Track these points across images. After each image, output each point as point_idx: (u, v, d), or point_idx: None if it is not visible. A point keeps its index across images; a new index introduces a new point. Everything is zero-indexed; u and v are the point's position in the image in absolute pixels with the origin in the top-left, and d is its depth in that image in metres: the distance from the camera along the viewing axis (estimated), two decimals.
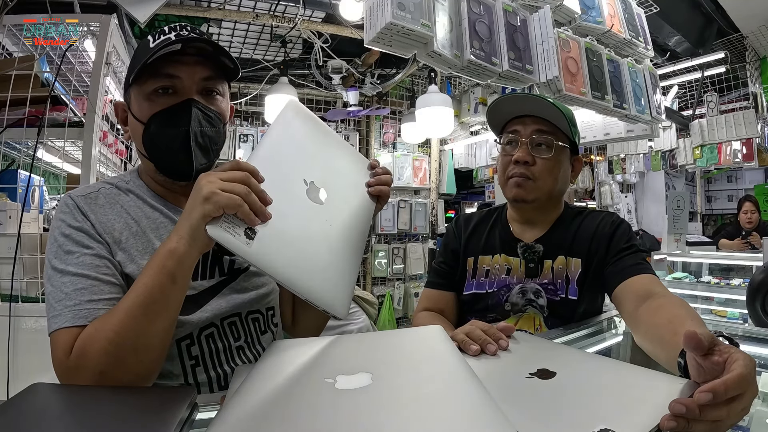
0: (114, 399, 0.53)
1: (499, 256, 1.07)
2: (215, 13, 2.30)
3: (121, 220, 0.72)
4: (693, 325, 0.61)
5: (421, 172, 3.51)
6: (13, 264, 1.41)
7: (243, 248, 0.54)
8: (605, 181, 5.32)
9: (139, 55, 0.73)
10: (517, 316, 1.02)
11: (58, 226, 0.69)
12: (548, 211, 1.07)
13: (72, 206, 0.70)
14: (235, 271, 0.79)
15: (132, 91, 0.74)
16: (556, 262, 1.02)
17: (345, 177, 0.72)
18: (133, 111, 0.75)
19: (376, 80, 3.12)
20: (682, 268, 2.85)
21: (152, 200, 0.77)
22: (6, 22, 1.63)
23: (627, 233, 1.00)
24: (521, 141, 1.02)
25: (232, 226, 0.53)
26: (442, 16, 1.29)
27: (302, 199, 0.63)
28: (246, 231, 0.54)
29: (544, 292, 1.01)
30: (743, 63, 3.59)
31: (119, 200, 0.75)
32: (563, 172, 1.04)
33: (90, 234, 0.68)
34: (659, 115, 1.94)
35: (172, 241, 0.58)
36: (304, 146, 0.69)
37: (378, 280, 3.38)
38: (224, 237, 0.53)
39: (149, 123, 0.73)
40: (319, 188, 0.65)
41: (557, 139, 1.01)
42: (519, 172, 1.01)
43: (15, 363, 1.37)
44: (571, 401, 0.50)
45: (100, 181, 0.80)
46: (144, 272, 0.60)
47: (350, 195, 0.71)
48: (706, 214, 7.06)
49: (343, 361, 0.54)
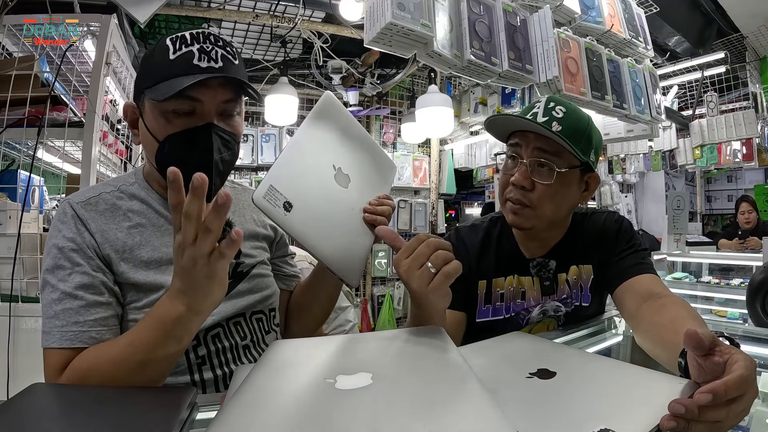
0: (114, 399, 0.53)
1: (513, 278, 0.99)
2: (215, 13, 2.31)
3: (124, 228, 0.70)
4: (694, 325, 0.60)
5: (421, 172, 3.51)
6: (13, 264, 1.41)
7: (281, 218, 0.63)
8: (605, 181, 5.32)
9: (157, 62, 0.69)
10: (530, 326, 1.01)
11: (55, 235, 0.68)
12: (554, 229, 0.99)
13: (70, 215, 0.68)
14: (238, 274, 0.80)
15: (146, 101, 0.70)
16: (569, 274, 0.99)
17: (369, 171, 0.79)
18: (147, 122, 0.71)
19: (376, 80, 3.12)
20: (682, 268, 2.85)
21: (158, 205, 0.75)
22: (6, 22, 1.64)
23: (628, 232, 0.99)
24: (520, 162, 0.89)
25: (273, 200, 0.63)
26: (442, 16, 1.29)
27: (330, 182, 0.72)
28: (285, 204, 0.64)
29: (563, 307, 0.99)
30: (743, 63, 3.59)
31: (122, 205, 0.73)
32: (568, 196, 0.91)
33: (82, 249, 0.67)
34: (659, 115, 1.94)
35: (178, 308, 0.56)
36: (337, 136, 0.75)
37: (378, 280, 3.38)
38: (267, 207, 0.62)
39: (165, 142, 0.69)
40: (345, 174, 0.74)
41: (561, 163, 0.87)
42: (515, 198, 0.90)
43: (15, 363, 1.37)
44: (571, 401, 0.50)
45: (101, 183, 0.77)
46: (147, 328, 0.59)
47: (370, 187, 0.79)
48: (706, 214, 7.07)
49: (343, 361, 0.54)
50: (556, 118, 0.86)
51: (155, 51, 0.70)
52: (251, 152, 3.05)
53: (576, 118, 0.88)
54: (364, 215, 0.74)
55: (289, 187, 0.65)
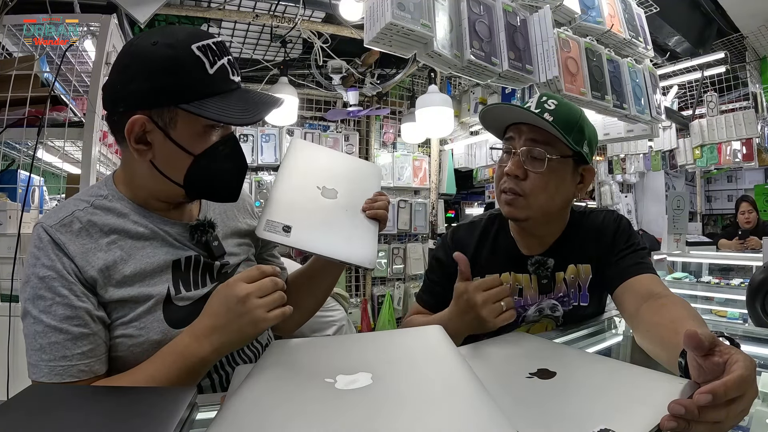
0: (114, 399, 0.53)
1: (509, 275, 1.00)
2: (215, 13, 2.30)
3: (103, 246, 0.67)
4: (694, 326, 0.60)
5: (421, 172, 3.50)
6: (13, 264, 1.41)
7: (286, 240, 0.78)
8: (605, 181, 5.32)
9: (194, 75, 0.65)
10: (528, 325, 1.01)
11: (33, 263, 0.64)
12: (551, 224, 0.99)
13: (47, 241, 0.65)
14: (224, 276, 0.79)
15: (178, 117, 0.66)
16: (567, 273, 0.99)
17: (353, 179, 0.92)
18: (177, 137, 0.67)
19: (376, 80, 3.12)
20: (682, 268, 2.85)
21: (136, 215, 0.72)
22: (6, 22, 1.63)
23: (627, 231, 0.98)
24: (513, 152, 0.92)
25: (273, 229, 0.78)
26: (442, 16, 1.29)
27: (319, 199, 0.86)
28: (283, 228, 0.78)
29: (560, 306, 0.99)
30: (743, 63, 3.59)
31: (97, 221, 0.68)
32: (562, 187, 0.92)
33: (63, 276, 0.64)
34: (659, 115, 1.94)
35: (205, 348, 0.63)
36: (313, 165, 0.91)
37: (378, 280, 3.38)
38: (270, 236, 0.78)
39: (203, 156, 0.69)
40: (331, 189, 0.88)
41: (552, 151, 0.89)
42: (509, 188, 0.92)
43: (15, 363, 1.37)
44: (571, 401, 0.50)
45: (72, 199, 0.72)
46: (170, 365, 0.63)
47: (360, 191, 0.91)
48: (706, 214, 7.07)
49: (343, 361, 0.54)
50: (548, 109, 0.89)
51: (182, 61, 0.64)
52: (251, 152, 3.05)
53: (567, 110, 0.91)
54: (366, 213, 0.87)
55: (283, 214, 0.80)
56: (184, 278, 0.73)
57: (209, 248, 0.77)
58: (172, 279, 0.71)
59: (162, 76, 0.64)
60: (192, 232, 0.76)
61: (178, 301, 0.71)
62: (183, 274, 0.73)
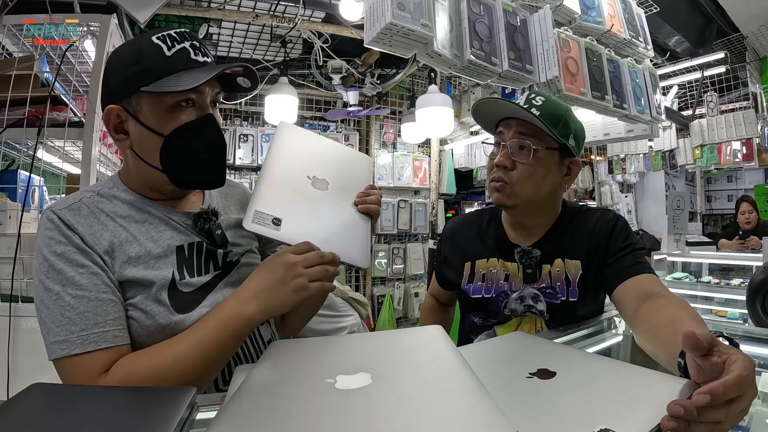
0: (114, 399, 0.53)
1: (497, 261, 1.05)
2: (215, 13, 2.30)
3: (108, 229, 0.69)
4: (693, 326, 0.61)
5: (421, 172, 3.51)
6: (13, 264, 1.41)
7: (275, 233, 0.72)
8: (605, 181, 5.33)
9: (152, 60, 0.69)
10: (518, 320, 1.02)
11: (46, 244, 0.65)
12: (540, 216, 1.04)
13: (57, 221, 0.66)
14: (228, 263, 0.80)
15: (143, 100, 0.70)
16: (554, 266, 1.01)
17: (344, 170, 0.87)
18: (145, 120, 0.70)
19: (376, 80, 3.12)
20: (682, 268, 2.85)
21: (140, 203, 0.75)
22: (6, 22, 1.63)
23: (624, 231, 0.99)
24: (503, 144, 0.99)
25: (262, 221, 0.72)
26: (442, 16, 1.29)
27: (309, 190, 0.80)
28: (273, 221, 0.72)
29: (542, 297, 1.00)
30: (743, 63, 3.59)
31: (103, 208, 0.71)
32: (548, 177, 0.98)
33: (82, 249, 0.65)
34: (659, 115, 1.94)
35: (251, 309, 0.66)
36: (302, 152, 0.84)
37: (378, 280, 3.38)
38: (258, 228, 0.71)
39: (173, 135, 0.70)
40: (322, 179, 0.82)
41: (539, 143, 0.95)
42: (497, 177, 0.98)
43: (15, 363, 1.37)
44: (571, 401, 0.50)
45: (79, 191, 0.75)
46: (216, 327, 0.66)
47: (351, 183, 0.86)
48: (706, 214, 7.07)
49: (343, 361, 0.54)
50: (535, 104, 0.96)
51: (143, 50, 0.70)
52: (251, 152, 3.04)
53: (554, 105, 0.97)
54: (357, 207, 0.83)
55: (273, 205, 0.74)
56: (188, 264, 0.74)
57: (212, 236, 0.78)
58: (176, 264, 0.73)
59: (128, 67, 0.70)
60: (195, 220, 0.78)
61: (183, 287, 0.72)
62: (187, 260, 0.74)
